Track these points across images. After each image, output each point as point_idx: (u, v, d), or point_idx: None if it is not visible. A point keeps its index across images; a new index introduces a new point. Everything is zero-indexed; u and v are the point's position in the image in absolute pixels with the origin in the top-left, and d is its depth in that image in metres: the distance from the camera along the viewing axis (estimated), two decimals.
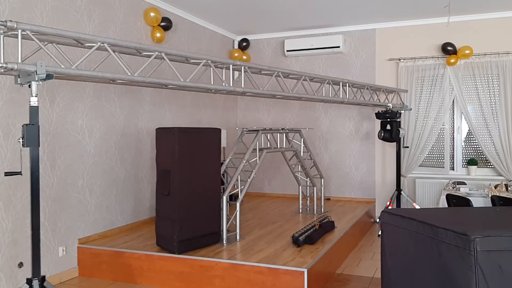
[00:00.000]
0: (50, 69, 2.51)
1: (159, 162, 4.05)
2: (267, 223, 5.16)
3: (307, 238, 4.19)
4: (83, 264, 4.20)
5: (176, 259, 3.83)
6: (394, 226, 1.49)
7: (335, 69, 6.93)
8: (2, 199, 3.55)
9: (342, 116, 6.95)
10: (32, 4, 3.81)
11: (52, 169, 4.01)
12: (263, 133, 4.77)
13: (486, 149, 6.04)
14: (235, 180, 4.32)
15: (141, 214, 5.13)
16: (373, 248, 5.12)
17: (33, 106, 2.51)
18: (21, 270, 3.66)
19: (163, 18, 5.39)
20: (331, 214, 5.46)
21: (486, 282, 1.18)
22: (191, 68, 3.74)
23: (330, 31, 6.89)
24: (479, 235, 1.19)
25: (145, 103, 5.24)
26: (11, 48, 3.25)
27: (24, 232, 3.67)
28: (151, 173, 5.21)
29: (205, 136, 4.06)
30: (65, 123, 4.14)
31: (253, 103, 7.49)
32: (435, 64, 6.31)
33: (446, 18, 5.85)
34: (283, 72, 4.55)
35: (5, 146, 3.56)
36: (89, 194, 4.42)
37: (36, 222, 2.56)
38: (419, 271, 1.39)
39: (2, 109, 3.55)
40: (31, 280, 2.56)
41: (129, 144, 4.96)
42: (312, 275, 3.56)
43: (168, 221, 3.88)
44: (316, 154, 6.95)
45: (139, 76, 3.16)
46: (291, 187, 7.20)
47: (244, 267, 3.63)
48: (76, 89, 4.26)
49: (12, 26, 2.40)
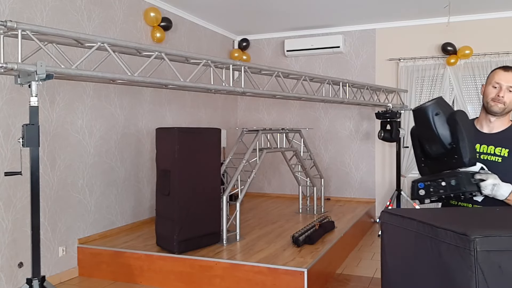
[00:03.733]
0: (50, 69, 2.51)
1: (159, 162, 4.05)
2: (267, 223, 5.16)
3: (307, 238, 4.19)
4: (83, 264, 4.20)
5: (176, 259, 3.83)
6: (394, 226, 1.49)
7: (335, 69, 6.92)
8: (2, 199, 3.54)
9: (342, 116, 6.95)
10: (32, 4, 3.81)
11: (52, 169, 4.00)
12: (263, 133, 4.77)
13: None
14: (235, 180, 4.32)
15: (141, 214, 5.12)
16: (373, 248, 5.12)
17: (33, 106, 2.51)
18: (21, 270, 3.66)
19: (163, 18, 5.39)
20: (331, 214, 5.46)
21: (486, 282, 1.18)
22: (191, 68, 3.73)
23: (330, 31, 6.89)
24: (479, 235, 1.19)
25: (145, 103, 5.24)
26: (11, 48, 3.25)
27: (24, 232, 3.67)
28: (151, 173, 5.21)
29: (205, 136, 4.06)
30: (65, 123, 4.14)
31: (253, 103, 7.49)
32: (435, 64, 6.31)
33: (446, 18, 5.84)
34: (283, 72, 4.55)
35: (5, 146, 3.56)
36: (89, 194, 4.41)
37: (36, 222, 2.56)
38: (419, 271, 1.39)
39: (2, 109, 3.55)
40: (31, 280, 2.56)
41: (129, 144, 4.95)
42: (312, 275, 3.55)
43: (168, 221, 3.88)
44: (316, 154, 6.94)
45: (139, 76, 3.16)
46: (291, 187, 7.19)
47: (244, 267, 3.63)
48: (76, 89, 4.25)
49: (12, 26, 2.40)
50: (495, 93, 2.02)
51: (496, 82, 2.02)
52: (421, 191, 1.99)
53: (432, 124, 1.95)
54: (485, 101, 2.08)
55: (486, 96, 2.06)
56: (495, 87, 2.03)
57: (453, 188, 1.87)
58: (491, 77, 2.08)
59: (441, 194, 1.90)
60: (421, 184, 1.99)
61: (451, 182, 1.88)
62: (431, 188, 1.94)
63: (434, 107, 1.97)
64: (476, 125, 2.18)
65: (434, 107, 1.97)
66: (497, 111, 2.04)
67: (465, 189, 1.84)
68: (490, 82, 2.06)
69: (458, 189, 1.85)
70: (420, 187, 2.00)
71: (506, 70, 2.04)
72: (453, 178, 1.89)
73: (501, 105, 2.02)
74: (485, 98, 2.08)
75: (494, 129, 2.10)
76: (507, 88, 2.01)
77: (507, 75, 2.02)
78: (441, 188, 1.90)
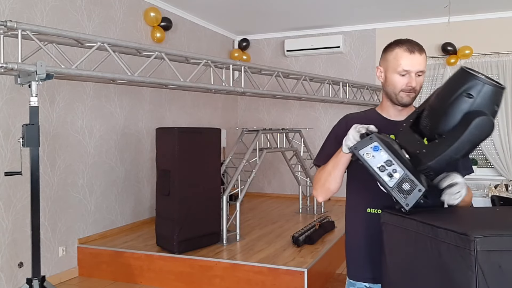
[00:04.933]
0: (50, 69, 2.51)
1: (159, 162, 4.05)
2: (267, 223, 5.16)
3: (307, 238, 4.19)
4: (83, 264, 4.20)
5: (176, 259, 3.83)
6: (394, 226, 1.49)
7: (335, 69, 6.92)
8: (2, 199, 3.54)
9: (342, 116, 6.94)
10: (32, 4, 3.81)
11: (52, 169, 4.00)
12: (263, 133, 4.77)
13: (486, 149, 6.04)
14: (235, 180, 4.32)
15: (141, 214, 5.12)
16: None
17: (33, 106, 2.51)
18: (21, 270, 3.66)
19: (163, 18, 5.39)
20: (331, 214, 5.46)
21: (486, 282, 1.17)
22: (191, 68, 3.74)
23: (330, 31, 6.88)
24: (479, 235, 1.18)
25: (145, 103, 5.24)
26: (11, 48, 3.25)
27: (24, 232, 3.67)
28: (151, 173, 5.21)
29: (205, 136, 4.05)
30: (65, 123, 4.14)
31: (253, 103, 7.49)
32: (435, 64, 6.30)
33: (446, 18, 5.84)
34: (283, 72, 4.55)
35: (5, 146, 3.56)
36: (89, 194, 4.41)
37: (36, 222, 2.56)
38: (419, 271, 1.39)
39: (2, 109, 3.55)
40: (31, 280, 2.56)
41: (129, 144, 4.95)
42: (312, 275, 3.55)
43: (168, 221, 3.88)
44: (316, 154, 6.94)
45: (139, 76, 3.16)
46: (291, 187, 7.19)
47: (244, 267, 3.63)
48: (76, 89, 4.25)
49: (12, 26, 2.41)
50: (405, 83, 1.63)
51: (404, 70, 1.63)
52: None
53: (455, 94, 1.34)
54: (391, 92, 1.67)
55: (393, 86, 1.66)
56: (403, 75, 1.63)
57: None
58: (394, 61, 1.66)
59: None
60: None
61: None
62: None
63: (477, 88, 1.31)
64: (381, 113, 1.78)
65: (478, 88, 1.31)
66: (409, 102, 1.67)
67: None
68: (394, 68, 1.65)
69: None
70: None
71: (412, 52, 1.65)
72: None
73: (412, 94, 1.65)
74: (390, 87, 1.67)
75: (403, 115, 1.69)
76: (416, 73, 1.64)
77: (413, 58, 1.64)
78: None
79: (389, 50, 1.73)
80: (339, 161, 1.68)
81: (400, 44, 1.70)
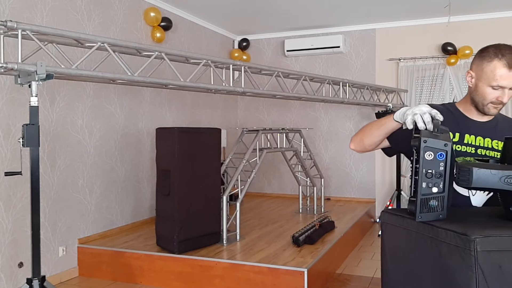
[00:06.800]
0: (50, 69, 2.51)
1: (159, 162, 4.05)
2: (267, 223, 5.16)
3: (307, 238, 4.19)
4: (83, 264, 4.20)
5: (176, 259, 3.83)
6: (394, 226, 1.49)
7: (335, 69, 6.92)
8: (2, 199, 3.54)
9: (342, 116, 6.95)
10: (32, 4, 3.81)
11: (52, 169, 4.00)
12: (263, 133, 4.77)
13: None
14: (235, 180, 4.32)
15: (141, 214, 5.12)
16: (373, 248, 5.12)
17: (33, 106, 2.51)
18: (21, 270, 3.66)
19: (163, 18, 5.39)
20: (331, 214, 5.46)
21: (486, 282, 1.17)
22: (191, 68, 3.74)
23: (330, 31, 6.88)
24: (480, 235, 1.19)
25: (145, 103, 5.24)
26: (11, 48, 3.25)
27: (24, 232, 3.67)
28: (151, 173, 5.21)
29: (205, 136, 4.05)
30: (65, 123, 4.14)
31: (253, 103, 7.49)
32: (435, 64, 6.31)
33: (446, 18, 5.84)
34: (283, 72, 4.55)
35: (5, 146, 3.56)
36: (89, 194, 4.41)
37: (36, 222, 2.56)
38: (419, 271, 1.39)
39: (2, 109, 3.55)
40: (31, 280, 2.56)
41: (129, 144, 4.95)
42: (312, 275, 3.55)
43: (168, 221, 3.88)
44: (316, 154, 6.94)
45: (139, 76, 3.16)
46: (291, 187, 7.19)
47: (244, 267, 3.63)
48: (76, 89, 4.25)
49: (12, 26, 2.40)
50: (495, 96, 1.63)
51: (499, 85, 1.61)
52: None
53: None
54: (479, 101, 1.67)
55: (483, 97, 1.65)
56: (495, 89, 1.62)
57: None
58: (490, 74, 1.62)
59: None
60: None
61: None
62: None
63: None
64: (460, 110, 1.77)
65: None
66: (495, 113, 1.70)
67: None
68: (489, 81, 1.62)
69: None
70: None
71: (511, 68, 1.59)
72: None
73: (500, 107, 1.67)
74: (479, 97, 1.67)
75: (485, 118, 1.73)
76: (510, 88, 1.63)
77: (511, 74, 1.59)
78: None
79: (486, 59, 1.65)
80: (385, 124, 1.66)
81: (499, 56, 1.62)
